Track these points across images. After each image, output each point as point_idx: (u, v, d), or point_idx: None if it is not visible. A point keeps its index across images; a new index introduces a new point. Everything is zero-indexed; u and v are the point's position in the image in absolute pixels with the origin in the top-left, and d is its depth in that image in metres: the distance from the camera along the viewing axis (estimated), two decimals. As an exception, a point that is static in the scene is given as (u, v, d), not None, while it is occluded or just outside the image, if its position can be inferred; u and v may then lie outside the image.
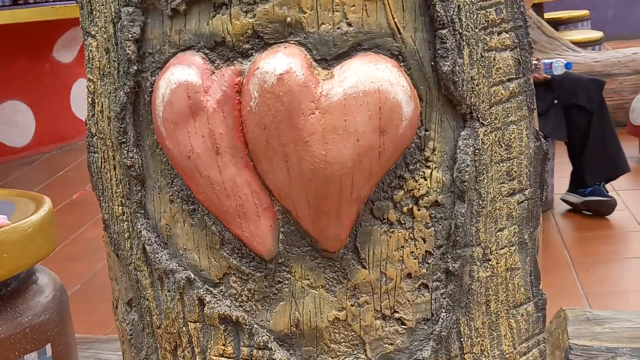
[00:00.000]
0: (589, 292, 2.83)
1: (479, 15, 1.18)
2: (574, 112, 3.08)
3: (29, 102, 6.33)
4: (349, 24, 1.11)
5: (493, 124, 1.22)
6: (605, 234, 3.10)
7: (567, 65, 3.04)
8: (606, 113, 3.09)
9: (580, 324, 2.03)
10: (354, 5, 1.10)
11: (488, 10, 1.19)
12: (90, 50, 1.26)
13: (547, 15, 6.26)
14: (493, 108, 1.21)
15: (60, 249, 3.97)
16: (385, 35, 1.13)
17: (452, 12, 1.14)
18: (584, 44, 5.66)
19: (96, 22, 1.24)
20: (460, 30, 1.16)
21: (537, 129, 1.30)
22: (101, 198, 1.31)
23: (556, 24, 6.32)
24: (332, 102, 1.09)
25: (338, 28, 1.10)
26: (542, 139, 1.31)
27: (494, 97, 1.21)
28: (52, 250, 2.14)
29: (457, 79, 1.16)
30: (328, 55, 1.11)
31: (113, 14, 1.20)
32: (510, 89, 1.23)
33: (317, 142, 1.09)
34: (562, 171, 3.67)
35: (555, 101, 3.07)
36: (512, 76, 1.23)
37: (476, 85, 1.19)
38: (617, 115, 4.33)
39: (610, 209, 3.14)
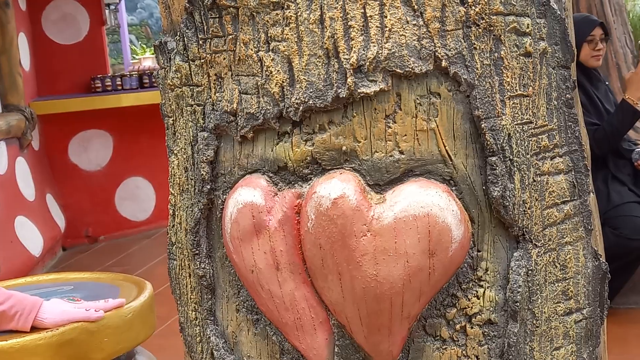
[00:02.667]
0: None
1: (530, 142, 1.22)
2: None
3: (150, 179, 6.70)
4: (401, 152, 1.18)
5: (547, 245, 1.25)
6: None
7: None
8: None
9: None
10: (405, 135, 1.18)
11: (540, 136, 1.23)
12: (173, 167, 1.39)
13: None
14: (547, 230, 1.24)
15: (168, 324, 4.14)
16: (436, 161, 1.19)
17: (502, 140, 1.20)
18: None
19: (178, 143, 1.37)
20: (511, 157, 1.21)
21: (596, 248, 1.32)
22: (178, 302, 1.42)
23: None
24: (383, 225, 1.16)
25: (390, 156, 1.18)
26: (601, 259, 1.32)
27: (548, 220, 1.24)
28: (150, 334, 2.26)
29: (507, 204, 1.20)
30: (380, 180, 1.18)
31: (191, 137, 1.33)
32: (565, 211, 1.26)
33: (368, 262, 1.16)
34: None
35: None
36: (566, 199, 1.26)
37: (528, 209, 1.22)
38: None
39: None
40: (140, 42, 14.30)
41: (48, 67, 6.19)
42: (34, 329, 1.86)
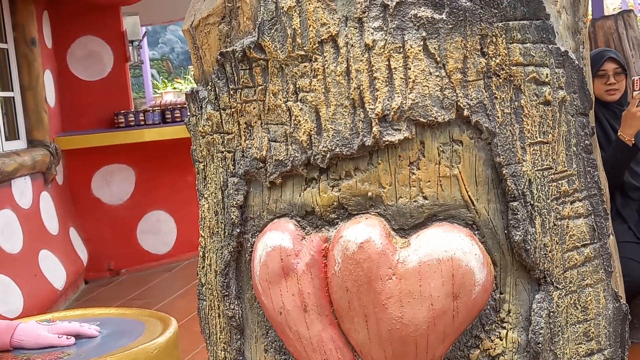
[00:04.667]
0: None
1: (551, 187, 1.26)
2: None
3: (171, 212, 6.78)
4: (425, 198, 1.22)
5: (568, 287, 1.28)
6: None
7: None
8: None
9: None
10: (429, 181, 1.22)
11: (560, 182, 1.27)
12: (203, 210, 1.44)
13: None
14: (567, 272, 1.28)
15: (190, 357, 4.17)
16: (459, 207, 1.23)
17: (523, 186, 1.24)
18: None
19: (208, 187, 1.42)
20: (532, 202, 1.24)
21: (616, 289, 1.34)
22: (207, 342, 1.46)
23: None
24: (408, 268, 1.20)
25: (415, 201, 1.22)
26: (621, 300, 1.34)
27: (568, 262, 1.28)
28: (175, 369, 2.30)
29: (529, 247, 1.24)
30: (405, 225, 1.22)
31: (222, 182, 1.38)
32: (585, 254, 1.29)
33: (393, 305, 1.20)
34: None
35: None
36: (586, 242, 1.30)
37: (549, 252, 1.26)
38: None
39: None
40: (161, 77, 14.50)
41: (73, 102, 6.32)
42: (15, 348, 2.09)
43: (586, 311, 1.30)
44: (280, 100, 1.27)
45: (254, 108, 1.31)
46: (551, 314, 1.26)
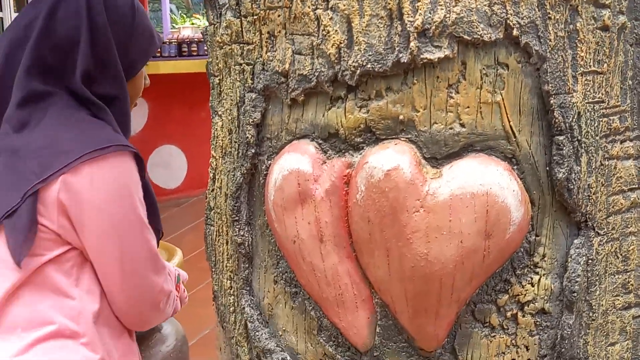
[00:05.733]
0: None
1: (601, 123, 1.14)
2: None
3: (183, 148, 6.68)
4: (462, 125, 1.10)
5: (610, 234, 1.17)
6: None
7: None
8: None
9: None
10: (468, 107, 1.10)
11: (611, 117, 1.15)
12: (216, 129, 1.32)
13: None
14: (611, 218, 1.16)
15: (194, 293, 4.12)
16: (499, 137, 1.11)
17: (571, 119, 1.12)
18: None
19: (223, 104, 1.30)
20: (579, 137, 1.12)
21: (661, 241, 1.23)
22: (213, 270, 1.36)
23: None
24: (437, 201, 1.08)
25: (450, 128, 1.10)
26: (666, 253, 1.23)
27: (613, 207, 1.16)
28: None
29: (572, 187, 1.12)
30: (438, 154, 1.11)
31: (238, 98, 1.26)
32: (632, 199, 1.18)
33: (419, 240, 1.09)
34: None
35: None
36: (634, 186, 1.18)
37: (593, 194, 1.14)
38: None
39: None
40: (180, 12, 14.28)
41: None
42: None
43: (627, 261, 1.19)
44: (309, 7, 1.14)
45: (279, 16, 1.18)
46: (590, 261, 1.15)
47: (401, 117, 1.11)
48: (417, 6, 1.07)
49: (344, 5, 1.11)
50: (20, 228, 1.37)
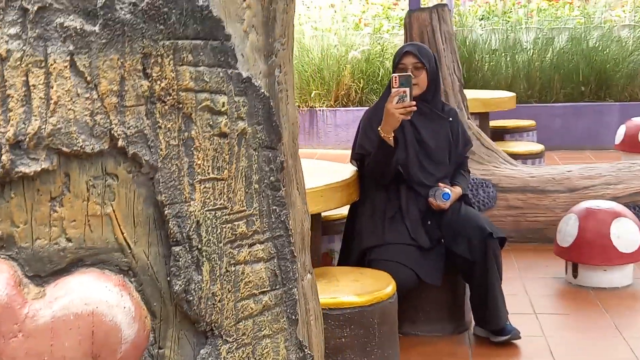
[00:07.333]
0: None
1: (224, 229, 1.12)
2: (457, 259, 2.94)
3: None
4: (69, 240, 1.04)
5: (240, 340, 1.14)
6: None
7: (445, 196, 2.91)
8: (490, 266, 2.90)
9: None
10: (74, 220, 1.04)
11: (236, 223, 1.13)
12: None
13: (493, 123, 6.27)
14: (241, 323, 1.14)
15: None
16: (112, 250, 1.06)
17: (188, 228, 1.08)
18: (525, 157, 5.66)
19: None
20: (200, 246, 1.09)
21: (302, 339, 1.23)
22: None
23: (502, 132, 6.34)
24: (38, 325, 1.01)
25: (55, 244, 1.04)
26: (308, 350, 1.23)
27: (243, 312, 1.14)
28: None
29: (191, 298, 1.09)
30: (42, 271, 1.04)
31: None
32: (264, 302, 1.16)
33: (20, 367, 1.01)
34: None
35: (442, 240, 2.95)
36: (266, 289, 1.17)
37: (219, 301, 1.12)
38: (549, 232, 4.29)
39: (515, 338, 3.02)
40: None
41: None
42: None
43: (262, 365, 1.17)
44: None
45: None
46: (218, 370, 1.12)
47: (0, 233, 1.03)
48: (9, 117, 1.00)
49: None
50: None
